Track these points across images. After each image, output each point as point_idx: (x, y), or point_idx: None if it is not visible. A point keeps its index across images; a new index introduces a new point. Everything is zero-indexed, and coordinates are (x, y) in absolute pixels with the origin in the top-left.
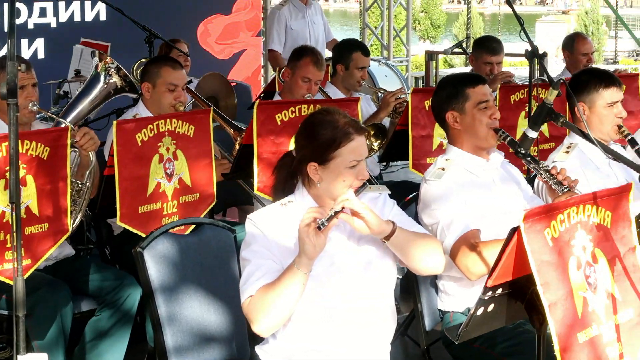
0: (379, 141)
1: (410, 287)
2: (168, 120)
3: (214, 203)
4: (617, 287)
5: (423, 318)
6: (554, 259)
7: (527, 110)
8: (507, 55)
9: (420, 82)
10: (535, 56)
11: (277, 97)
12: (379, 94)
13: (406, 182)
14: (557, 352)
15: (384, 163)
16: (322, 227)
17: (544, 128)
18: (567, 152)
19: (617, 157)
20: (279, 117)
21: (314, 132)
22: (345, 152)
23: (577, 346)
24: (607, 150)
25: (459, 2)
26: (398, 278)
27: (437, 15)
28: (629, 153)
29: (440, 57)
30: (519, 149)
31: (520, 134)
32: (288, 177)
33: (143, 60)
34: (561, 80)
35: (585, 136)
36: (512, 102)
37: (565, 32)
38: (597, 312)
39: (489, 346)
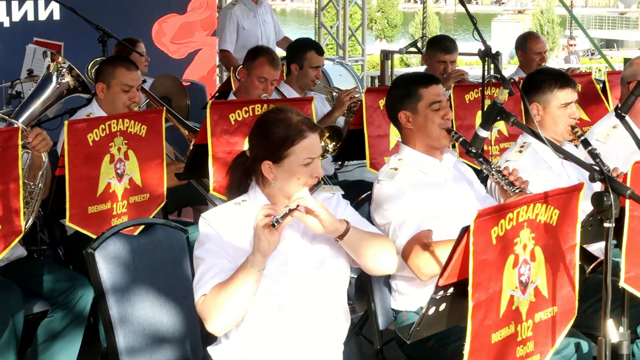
0: (334, 143)
1: (364, 287)
2: (120, 120)
3: (163, 203)
4: (550, 285)
5: (376, 317)
6: (493, 257)
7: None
8: (462, 54)
9: (376, 81)
10: (488, 55)
11: (232, 97)
12: (334, 93)
13: (361, 182)
14: (465, 352)
15: (339, 162)
16: (276, 224)
17: (503, 127)
18: (521, 151)
19: (568, 157)
20: (232, 116)
21: (267, 130)
22: (299, 149)
23: (487, 347)
24: (557, 149)
25: (415, 2)
26: (353, 278)
27: (393, 14)
28: (580, 153)
29: (397, 56)
30: (470, 149)
31: None
32: (242, 176)
33: (98, 59)
34: (512, 80)
35: (536, 135)
36: (468, 102)
37: (521, 31)
38: (520, 310)
39: (442, 345)
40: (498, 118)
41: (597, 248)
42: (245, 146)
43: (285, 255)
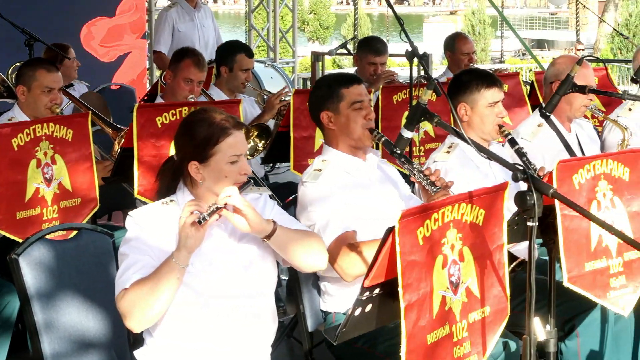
0: (263, 141)
1: (292, 289)
2: (45, 124)
3: (97, 208)
4: (480, 285)
5: (305, 319)
6: (421, 258)
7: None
8: (393, 55)
9: (308, 83)
10: (415, 56)
11: (159, 100)
12: (264, 96)
13: (291, 184)
14: (402, 353)
15: (270, 165)
16: (202, 221)
17: (429, 128)
18: (448, 151)
19: (492, 157)
20: (159, 120)
21: (191, 131)
22: (224, 147)
23: (424, 347)
24: (481, 149)
25: (348, 3)
26: (284, 280)
27: (326, 16)
28: (507, 151)
29: (329, 58)
30: (394, 149)
31: None
32: (171, 181)
33: (17, 64)
34: (436, 80)
35: (460, 136)
36: (395, 103)
37: (453, 32)
38: (453, 311)
39: (371, 346)
40: (422, 119)
41: (524, 247)
42: (172, 149)
43: (212, 255)
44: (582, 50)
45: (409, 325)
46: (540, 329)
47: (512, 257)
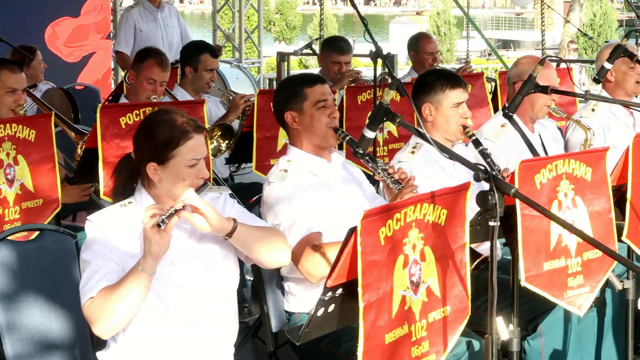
0: (227, 141)
1: (257, 289)
2: (8, 125)
3: (59, 208)
4: (441, 285)
5: (269, 320)
6: (382, 258)
7: None
8: (359, 55)
9: (274, 83)
10: (379, 56)
11: (123, 100)
12: (229, 96)
13: (256, 184)
14: (359, 353)
15: (236, 165)
16: (162, 224)
17: (393, 128)
18: (413, 152)
19: (454, 157)
20: (123, 120)
21: (151, 132)
22: (184, 150)
23: (381, 347)
24: (443, 149)
25: (314, 4)
26: (250, 280)
27: (292, 16)
28: (470, 152)
29: (295, 58)
30: (357, 149)
31: None
32: (128, 179)
33: None
34: (397, 81)
35: (422, 136)
36: (360, 103)
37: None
38: (413, 311)
39: (335, 346)
40: (384, 119)
41: (488, 246)
42: None
43: (173, 257)
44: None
45: (367, 325)
46: (503, 329)
47: (476, 255)
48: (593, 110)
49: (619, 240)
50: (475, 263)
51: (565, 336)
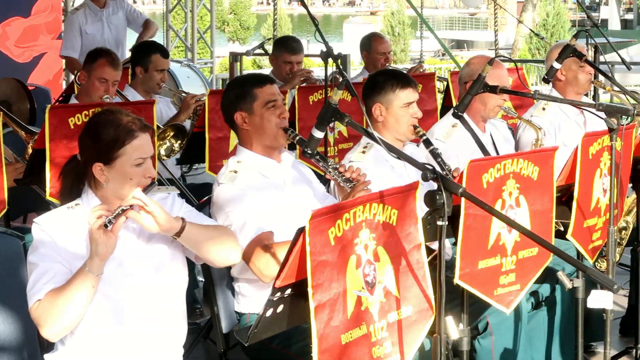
0: (179, 142)
1: (207, 290)
2: None
3: (5, 209)
4: (399, 285)
5: (220, 321)
6: (333, 258)
7: None
8: (312, 55)
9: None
10: (330, 56)
11: (73, 101)
12: (181, 96)
13: (208, 185)
14: (314, 354)
15: (188, 165)
16: (109, 224)
17: (343, 128)
18: (364, 151)
19: (402, 157)
20: (72, 120)
21: (97, 132)
22: (129, 150)
23: (338, 347)
24: (391, 149)
25: (268, 4)
26: (201, 281)
27: (246, 16)
28: (422, 152)
29: (249, 58)
30: (306, 149)
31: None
32: (74, 181)
33: None
34: (345, 81)
35: (370, 136)
36: (311, 103)
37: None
38: (370, 311)
39: (285, 346)
40: (333, 119)
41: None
42: None
43: (121, 257)
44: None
45: (320, 326)
46: (453, 328)
47: (430, 251)
48: (544, 109)
49: (564, 238)
50: (429, 259)
51: (515, 335)
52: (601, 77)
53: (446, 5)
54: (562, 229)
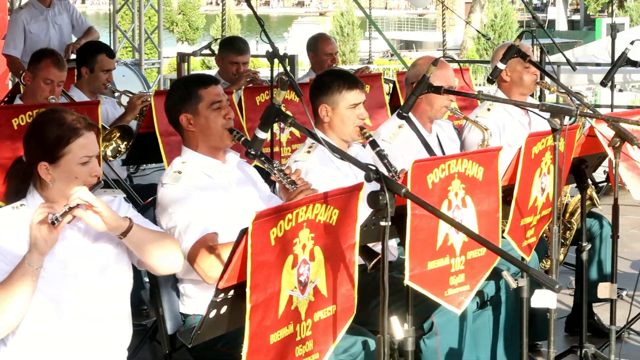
0: (125, 142)
1: (152, 291)
2: None
3: None
4: (329, 284)
5: (165, 322)
6: (272, 258)
7: None
8: (261, 56)
9: None
10: (275, 57)
11: (18, 101)
12: (127, 97)
13: (155, 185)
14: (243, 354)
15: (135, 166)
16: (55, 222)
17: (294, 128)
18: (309, 151)
19: (345, 158)
20: (15, 121)
21: (41, 131)
22: (74, 148)
23: (266, 347)
24: (335, 150)
25: (217, 4)
26: (148, 282)
27: (195, 17)
28: (368, 153)
29: (198, 58)
30: (249, 150)
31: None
32: (20, 182)
33: None
34: (288, 82)
35: (313, 136)
36: (258, 104)
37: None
38: (299, 310)
39: (231, 347)
40: (276, 119)
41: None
42: None
43: (65, 259)
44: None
45: (253, 326)
46: (398, 328)
47: (374, 254)
48: (489, 109)
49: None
50: (374, 262)
51: (460, 334)
52: (547, 78)
53: (395, 6)
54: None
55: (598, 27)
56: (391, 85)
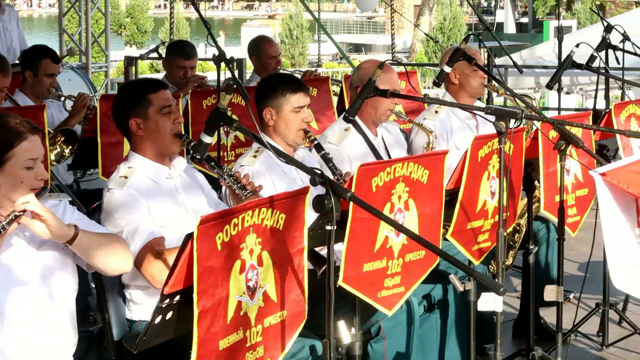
0: (70, 147)
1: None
2: None
3: None
4: (279, 289)
5: (111, 328)
6: (219, 263)
7: None
8: (210, 60)
9: None
10: (222, 60)
11: None
12: (71, 101)
13: (102, 190)
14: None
15: (81, 171)
16: (2, 230)
17: (240, 133)
18: (255, 156)
19: (290, 162)
20: None
21: None
22: (19, 152)
23: (215, 353)
24: (280, 154)
25: (166, 7)
26: (95, 288)
27: (143, 20)
28: (315, 156)
29: (147, 62)
30: (195, 154)
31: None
32: None
33: None
34: (233, 85)
35: (259, 140)
36: (205, 107)
37: (271, 36)
38: (249, 316)
39: (178, 354)
40: (222, 124)
41: (336, 249)
42: None
43: (10, 263)
44: None
45: (201, 332)
46: (345, 332)
47: (322, 260)
48: (436, 112)
49: (444, 238)
50: (324, 268)
51: (408, 338)
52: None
53: (344, 9)
54: None
55: (546, 29)
56: (339, 87)
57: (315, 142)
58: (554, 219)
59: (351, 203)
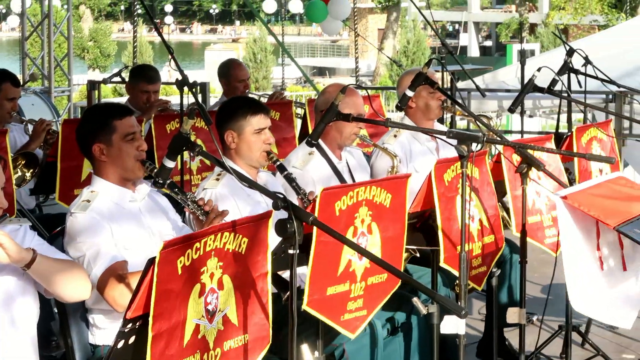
0: (31, 170)
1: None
2: None
3: None
4: (240, 313)
5: (74, 353)
6: (178, 287)
7: None
8: (173, 84)
9: None
10: (185, 84)
11: None
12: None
13: (64, 215)
14: None
15: (44, 195)
16: None
17: None
18: (218, 179)
19: (252, 185)
20: None
21: None
22: None
23: None
24: (242, 178)
25: (129, 32)
26: (57, 313)
27: (106, 44)
28: (280, 180)
29: (110, 86)
30: (157, 180)
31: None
32: None
33: None
34: (196, 109)
35: (221, 164)
36: (169, 131)
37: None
38: (207, 339)
39: None
40: (184, 148)
41: (300, 272)
42: None
43: None
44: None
45: (155, 355)
46: (309, 356)
47: (286, 284)
48: (395, 136)
49: (421, 264)
50: (288, 294)
51: None
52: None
53: (308, 33)
54: (417, 255)
55: (509, 53)
56: (303, 109)
57: (278, 163)
58: (530, 241)
59: (315, 228)
